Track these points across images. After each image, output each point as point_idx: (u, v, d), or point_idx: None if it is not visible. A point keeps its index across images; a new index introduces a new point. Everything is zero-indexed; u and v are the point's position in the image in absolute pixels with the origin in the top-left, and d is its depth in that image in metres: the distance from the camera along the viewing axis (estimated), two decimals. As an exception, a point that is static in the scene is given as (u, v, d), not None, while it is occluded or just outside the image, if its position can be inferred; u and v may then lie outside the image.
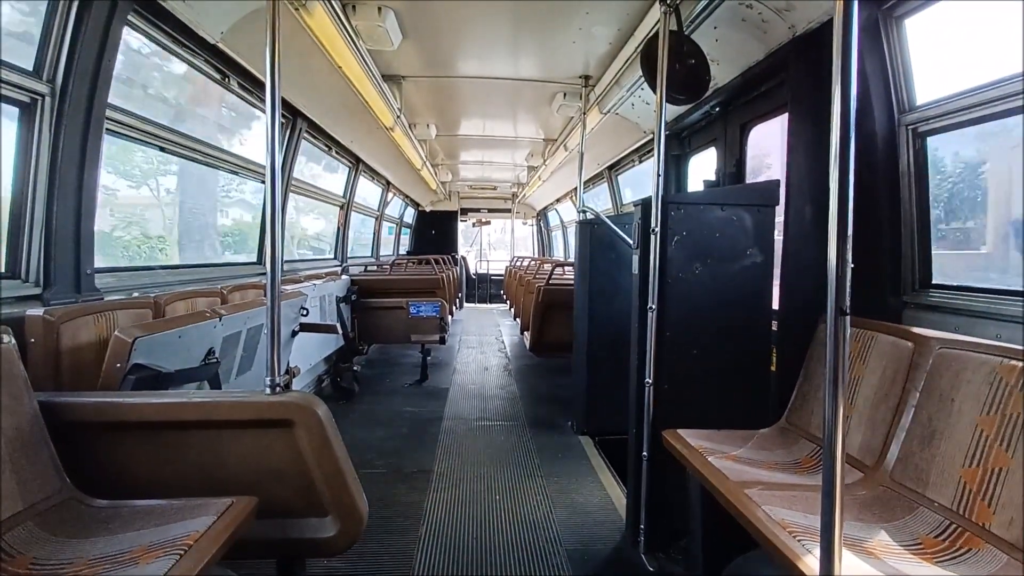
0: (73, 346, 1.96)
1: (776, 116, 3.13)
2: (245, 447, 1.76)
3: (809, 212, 2.39)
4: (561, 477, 3.31)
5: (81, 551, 1.39)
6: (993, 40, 2.04)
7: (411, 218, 12.25)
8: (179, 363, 2.11)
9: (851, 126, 1.17)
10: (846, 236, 1.17)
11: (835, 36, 1.18)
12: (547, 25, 3.48)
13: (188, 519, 1.49)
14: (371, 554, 2.44)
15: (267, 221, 1.80)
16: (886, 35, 2.22)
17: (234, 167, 3.63)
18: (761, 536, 1.51)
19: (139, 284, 2.69)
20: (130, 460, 1.73)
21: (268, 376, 1.77)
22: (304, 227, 6.71)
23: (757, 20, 2.71)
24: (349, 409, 4.69)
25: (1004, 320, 1.82)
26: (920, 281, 2.19)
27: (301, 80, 3.82)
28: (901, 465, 1.77)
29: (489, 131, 6.66)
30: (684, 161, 4.43)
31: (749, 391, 2.51)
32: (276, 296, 1.79)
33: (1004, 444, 1.48)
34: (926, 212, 2.19)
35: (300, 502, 1.78)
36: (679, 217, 2.42)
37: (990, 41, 2.07)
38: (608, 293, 3.92)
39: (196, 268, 3.36)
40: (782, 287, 2.48)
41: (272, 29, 1.77)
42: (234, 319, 2.51)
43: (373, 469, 3.37)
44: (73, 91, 2.08)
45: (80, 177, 2.16)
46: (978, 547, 1.45)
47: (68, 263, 2.15)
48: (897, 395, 1.87)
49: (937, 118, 2.09)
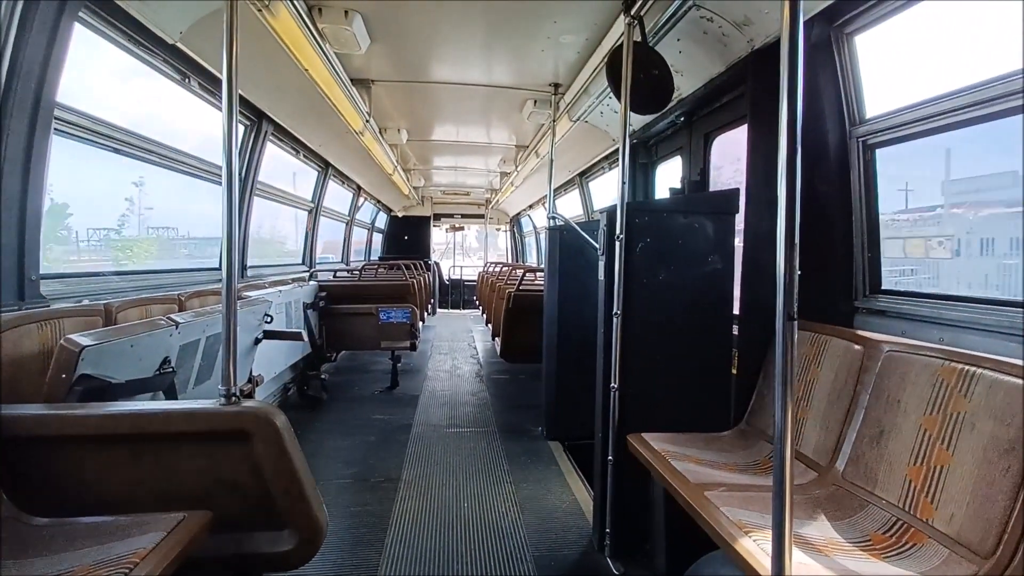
0: (14, 356, 1.86)
1: (738, 126, 3.22)
2: (199, 460, 1.70)
3: (767, 220, 2.46)
4: (530, 483, 3.31)
5: (18, 573, 1.32)
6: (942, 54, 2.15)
7: (383, 223, 12.12)
8: (131, 373, 2.03)
9: (798, 138, 1.21)
10: (794, 243, 1.21)
11: (782, 51, 1.22)
12: (516, 32, 3.51)
13: (136, 536, 1.44)
14: (333, 565, 2.38)
15: (224, 224, 1.76)
16: (838, 51, 2.32)
17: (194, 170, 3.53)
18: (719, 537, 1.54)
19: (89, 291, 2.58)
20: (75, 475, 1.65)
21: (223, 386, 1.71)
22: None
23: (718, 34, 2.79)
24: (316, 417, 4.59)
25: (946, 324, 1.91)
26: (870, 287, 2.28)
27: (267, 81, 3.74)
28: (852, 464, 1.83)
29: (462, 137, 6.66)
30: (652, 169, 4.52)
31: (712, 394, 2.56)
32: (232, 302, 1.74)
33: (945, 443, 1.55)
34: (875, 221, 2.28)
35: (256, 515, 1.73)
36: (643, 224, 2.46)
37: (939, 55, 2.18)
38: (577, 298, 3.95)
39: (151, 274, 3.24)
40: (742, 292, 2.54)
41: (230, 28, 1.74)
42: (192, 327, 2.43)
43: (339, 479, 3.31)
44: (18, 89, 1.99)
45: (25, 180, 2.06)
46: (922, 542, 1.51)
47: (11, 268, 2.04)
48: (848, 397, 1.94)
49: (886, 131, 2.18)
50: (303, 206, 6.27)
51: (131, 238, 3.86)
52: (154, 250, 4.21)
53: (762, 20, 2.50)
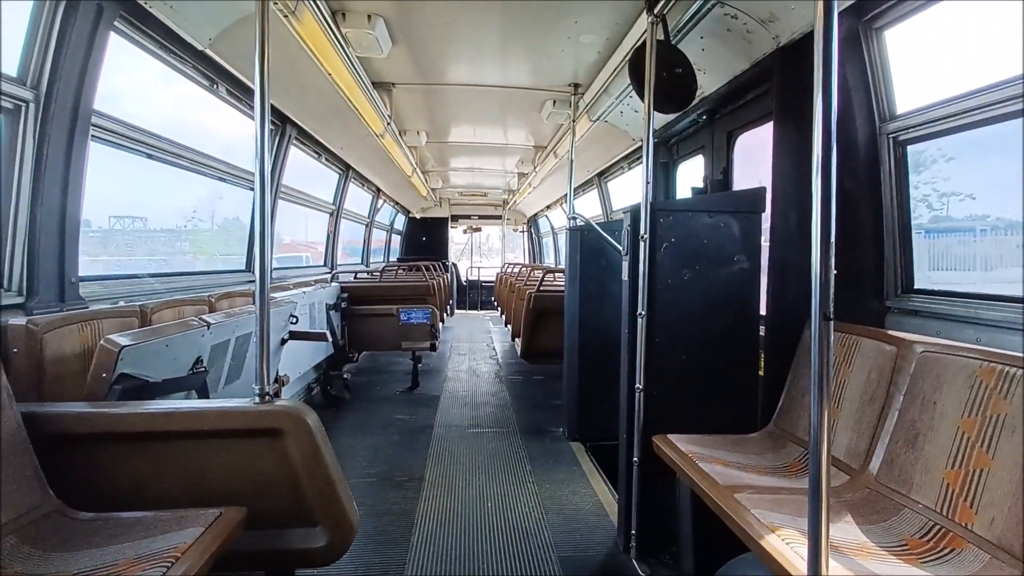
0: (57, 356, 1.94)
1: (762, 124, 3.18)
2: (233, 457, 1.74)
3: (794, 218, 2.43)
4: (553, 483, 3.30)
5: (65, 565, 1.37)
6: (974, 49, 2.10)
7: (401, 225, 12.22)
8: (166, 372, 2.09)
9: (833, 134, 1.20)
10: (829, 242, 1.19)
11: (816, 47, 1.21)
12: (536, 33, 3.51)
13: (175, 531, 1.47)
14: (362, 564, 2.41)
15: (256, 228, 1.80)
16: (867, 46, 2.27)
17: (222, 174, 3.61)
18: (751, 540, 1.52)
19: (125, 292, 2.65)
20: (116, 471, 1.70)
21: (257, 385, 1.75)
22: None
23: (742, 31, 2.76)
24: (339, 417, 4.65)
25: (983, 325, 1.86)
26: (902, 286, 2.23)
27: (290, 86, 3.81)
28: (886, 467, 1.79)
29: (479, 138, 6.68)
30: (672, 168, 4.48)
31: (738, 396, 2.53)
32: (265, 303, 1.78)
33: (985, 446, 1.51)
34: (907, 218, 2.23)
35: (289, 512, 1.76)
36: (668, 224, 2.45)
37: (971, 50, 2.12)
38: (598, 299, 3.94)
39: (183, 276, 3.33)
40: (769, 292, 2.51)
41: (261, 35, 1.78)
42: (222, 327, 2.49)
43: (364, 477, 3.35)
44: (58, 97, 2.07)
45: (65, 184, 2.14)
46: (961, 547, 1.47)
47: (52, 271, 2.12)
48: (881, 398, 1.90)
49: (917, 127, 2.13)
50: (324, 208, 6.36)
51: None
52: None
53: (789, 16, 2.46)
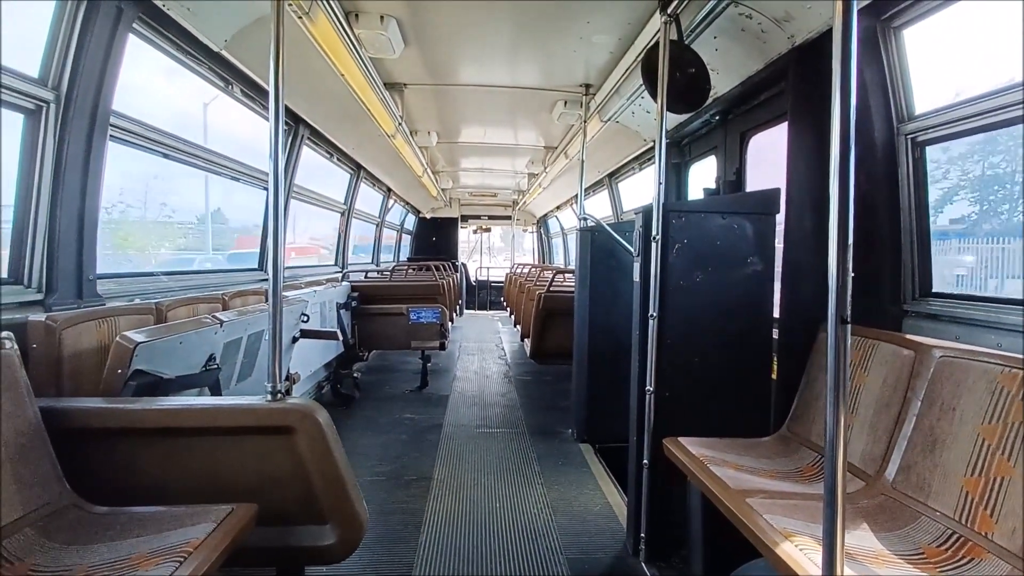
0: (75, 352, 1.97)
1: (776, 125, 3.15)
2: (245, 454, 1.75)
3: (809, 220, 2.40)
4: (561, 485, 3.29)
5: (80, 558, 1.38)
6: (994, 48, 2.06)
7: (412, 225, 12.27)
8: (180, 369, 2.11)
9: (851, 135, 1.18)
10: (846, 244, 1.17)
11: (835, 46, 1.19)
12: (548, 33, 3.51)
13: (188, 526, 1.49)
14: (371, 562, 2.42)
15: (269, 227, 1.81)
16: (884, 45, 2.24)
17: (236, 173, 3.65)
18: (763, 545, 1.51)
19: (140, 290, 2.69)
20: (130, 466, 1.73)
21: (269, 383, 1.77)
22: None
23: (756, 30, 2.73)
24: (349, 415, 4.68)
25: (1005, 329, 1.82)
26: (920, 290, 2.20)
27: (303, 87, 3.84)
28: (903, 474, 1.76)
29: (490, 138, 6.69)
30: (684, 169, 4.45)
31: (750, 399, 2.50)
32: (278, 302, 1.79)
33: (1006, 453, 1.47)
34: (925, 220, 2.20)
35: (300, 510, 1.77)
36: (680, 225, 2.43)
37: (991, 49, 2.08)
38: (608, 300, 3.92)
39: (197, 275, 3.37)
40: (783, 295, 2.48)
41: (276, 37, 1.79)
42: (235, 325, 2.51)
43: (373, 476, 3.36)
44: (78, 98, 2.10)
45: (84, 183, 2.17)
46: (980, 556, 1.44)
47: (70, 269, 2.15)
48: (898, 404, 1.87)
49: (936, 128, 2.10)
50: (336, 208, 6.40)
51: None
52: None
53: (804, 16, 2.43)
